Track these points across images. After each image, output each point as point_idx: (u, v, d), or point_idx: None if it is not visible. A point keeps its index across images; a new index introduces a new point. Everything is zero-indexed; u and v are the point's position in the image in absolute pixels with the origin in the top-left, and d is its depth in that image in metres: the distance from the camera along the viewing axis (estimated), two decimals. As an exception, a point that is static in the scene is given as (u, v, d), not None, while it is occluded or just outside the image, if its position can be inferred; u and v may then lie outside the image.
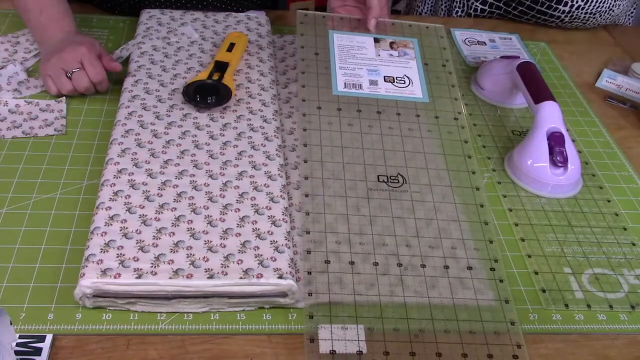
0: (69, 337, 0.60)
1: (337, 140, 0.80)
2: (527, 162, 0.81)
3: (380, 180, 0.77)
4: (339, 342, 0.60)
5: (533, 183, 0.81)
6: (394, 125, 0.83)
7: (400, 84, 0.85)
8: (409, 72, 0.88)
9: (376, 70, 0.87)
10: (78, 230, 0.69)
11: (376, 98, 0.85)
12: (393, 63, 0.89)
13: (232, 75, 0.86)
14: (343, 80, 0.85)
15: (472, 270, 0.69)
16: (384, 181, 0.76)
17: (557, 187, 0.81)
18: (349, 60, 0.88)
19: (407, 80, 0.86)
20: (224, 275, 0.62)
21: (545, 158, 0.80)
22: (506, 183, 0.83)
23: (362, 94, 0.85)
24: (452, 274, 0.68)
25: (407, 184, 0.77)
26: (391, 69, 0.88)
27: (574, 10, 1.14)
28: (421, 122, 0.84)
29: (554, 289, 0.69)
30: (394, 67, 0.89)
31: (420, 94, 0.86)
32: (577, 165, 0.81)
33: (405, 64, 0.89)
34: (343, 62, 0.88)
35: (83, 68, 0.85)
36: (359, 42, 0.91)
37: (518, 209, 0.79)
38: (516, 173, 0.83)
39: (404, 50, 0.89)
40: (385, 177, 0.77)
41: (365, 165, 0.78)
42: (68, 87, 0.85)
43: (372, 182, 0.76)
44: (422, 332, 0.62)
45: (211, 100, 0.81)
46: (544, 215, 0.78)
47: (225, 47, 0.90)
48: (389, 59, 0.89)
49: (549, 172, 0.80)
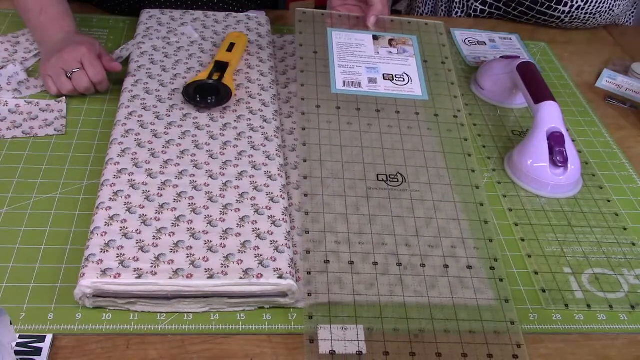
0: (69, 337, 0.60)
1: (336, 139, 0.80)
2: (527, 162, 0.81)
3: (379, 179, 0.77)
4: (338, 343, 0.60)
5: (533, 183, 0.81)
6: (393, 123, 0.83)
7: (399, 82, 0.85)
8: (408, 69, 0.88)
9: (375, 68, 0.87)
10: (78, 230, 0.69)
11: (375, 96, 0.85)
12: (392, 61, 0.89)
13: (232, 75, 0.86)
14: (342, 79, 0.85)
15: (472, 270, 0.69)
16: (384, 180, 0.76)
17: (557, 187, 0.81)
18: (348, 58, 0.88)
19: (406, 78, 0.85)
20: (224, 275, 0.62)
21: (545, 158, 0.80)
22: (506, 183, 0.83)
23: (361, 92, 0.85)
24: (452, 274, 0.68)
25: (406, 183, 0.77)
26: (390, 67, 0.88)
27: (574, 11, 1.14)
28: (420, 120, 0.84)
29: (554, 289, 0.69)
30: (393, 65, 0.88)
31: (419, 91, 0.85)
32: (577, 165, 0.81)
33: (404, 62, 0.89)
34: (342, 60, 0.88)
35: (83, 68, 0.85)
36: (358, 40, 0.91)
37: (518, 209, 0.79)
38: (516, 173, 0.83)
39: (403, 47, 0.89)
40: (384, 176, 0.77)
41: (365, 164, 0.78)
42: (68, 87, 0.85)
43: (371, 181, 0.76)
44: (422, 332, 0.62)
45: (211, 100, 0.81)
46: (544, 215, 0.78)
47: (225, 47, 0.90)
48: (388, 57, 0.89)
49: (549, 172, 0.80)
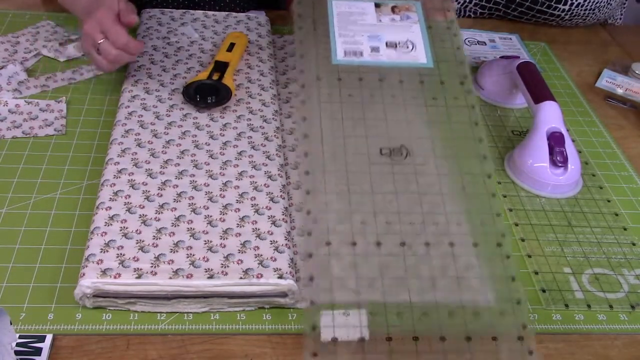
0: (69, 337, 0.59)
1: (337, 113, 0.76)
2: (528, 162, 0.81)
3: (382, 153, 0.73)
4: (340, 329, 0.59)
5: (533, 183, 0.81)
6: (397, 93, 0.80)
7: (403, 49, 0.83)
8: (412, 36, 0.85)
9: (377, 36, 0.84)
10: (78, 230, 0.69)
11: (378, 66, 0.82)
12: (395, 28, 0.85)
13: (232, 75, 0.86)
14: (343, 48, 0.83)
15: (477, 247, 0.66)
16: (387, 154, 0.73)
17: (557, 187, 0.81)
18: (349, 27, 0.85)
19: (410, 45, 0.83)
20: (224, 275, 0.62)
21: (546, 158, 0.80)
22: (506, 183, 0.83)
23: (363, 61, 0.82)
24: (457, 253, 0.66)
25: (410, 157, 0.73)
26: (393, 34, 0.84)
27: (574, 9, 1.14)
28: (426, 90, 0.80)
29: (554, 289, 0.69)
30: (396, 32, 0.85)
31: (424, 59, 0.82)
32: (577, 165, 0.81)
33: (407, 28, 0.86)
34: (343, 29, 0.85)
35: (106, 37, 0.79)
36: (360, 9, 0.88)
37: (518, 209, 0.79)
38: (516, 173, 0.83)
39: (406, 14, 0.87)
40: (388, 151, 0.73)
41: (368, 138, 0.74)
42: (103, 64, 0.81)
43: (374, 155, 0.73)
44: (426, 316, 0.62)
45: (211, 100, 0.81)
46: (544, 215, 0.78)
47: (225, 47, 0.90)
48: (390, 24, 0.86)
49: (549, 172, 0.80)
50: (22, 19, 1.01)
